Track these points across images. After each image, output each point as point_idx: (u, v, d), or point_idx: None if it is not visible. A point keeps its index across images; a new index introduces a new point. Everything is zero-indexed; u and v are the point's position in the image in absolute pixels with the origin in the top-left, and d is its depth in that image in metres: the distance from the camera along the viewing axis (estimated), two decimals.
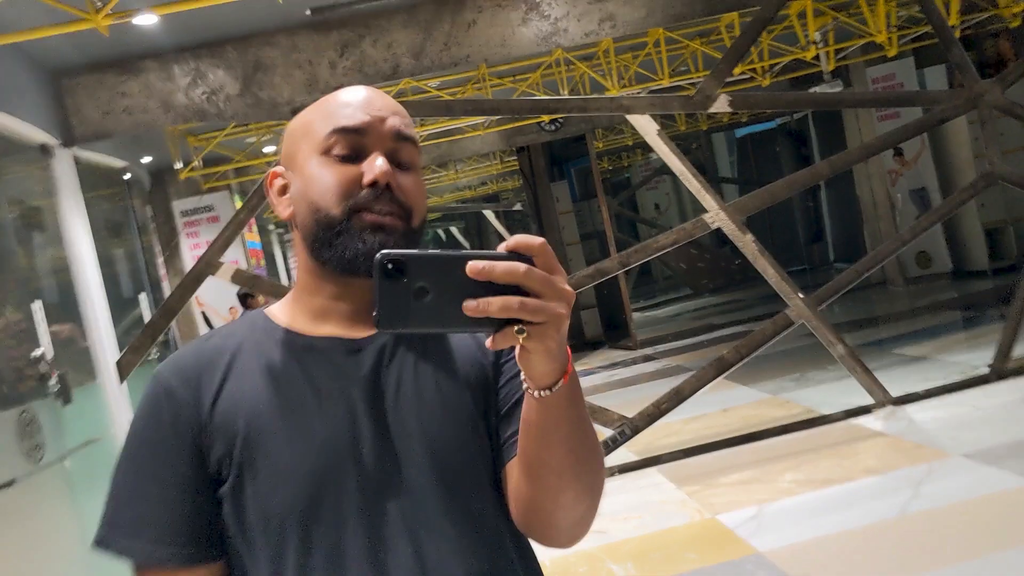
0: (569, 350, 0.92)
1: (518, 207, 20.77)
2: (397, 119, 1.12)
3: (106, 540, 1.06)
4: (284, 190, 1.15)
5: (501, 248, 0.85)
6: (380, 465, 1.06)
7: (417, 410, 1.09)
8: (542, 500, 1.02)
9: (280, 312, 1.16)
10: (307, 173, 1.10)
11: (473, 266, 0.83)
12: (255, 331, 1.14)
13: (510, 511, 1.10)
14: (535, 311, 0.83)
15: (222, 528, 1.07)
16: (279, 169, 1.17)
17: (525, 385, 0.94)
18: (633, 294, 13.18)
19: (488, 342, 0.86)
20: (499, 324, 0.84)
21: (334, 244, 1.07)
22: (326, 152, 1.09)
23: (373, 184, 1.07)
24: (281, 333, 1.13)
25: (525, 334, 0.84)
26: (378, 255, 0.83)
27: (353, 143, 1.09)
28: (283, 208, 1.15)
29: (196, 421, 1.07)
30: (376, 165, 1.07)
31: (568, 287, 0.86)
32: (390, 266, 0.83)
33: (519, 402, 1.08)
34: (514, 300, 0.83)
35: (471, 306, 0.82)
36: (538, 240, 0.86)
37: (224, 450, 1.06)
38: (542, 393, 0.92)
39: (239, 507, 1.05)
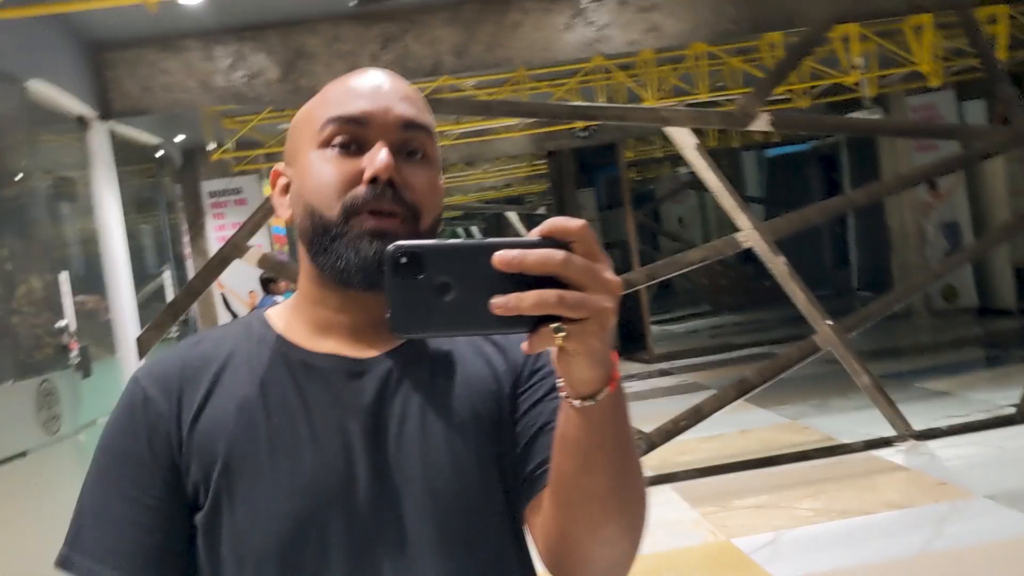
0: (615, 355, 0.79)
1: (542, 211, 20.72)
2: (406, 105, 0.97)
3: (69, 561, 0.94)
4: (287, 189, 1.01)
5: (534, 234, 0.73)
6: (375, 512, 0.93)
7: (421, 451, 0.95)
8: (579, 534, 0.88)
9: (279, 319, 1.02)
10: (304, 169, 0.97)
11: (501, 256, 0.70)
12: (249, 339, 1.00)
13: (540, 553, 0.96)
14: (575, 306, 0.71)
15: (195, 556, 0.96)
16: (281, 166, 1.04)
17: (564, 394, 0.80)
18: (652, 307, 13.09)
19: (524, 346, 0.73)
20: (534, 323, 0.72)
21: (329, 251, 0.94)
22: (325, 144, 0.95)
23: (373, 180, 0.93)
24: (278, 345, 0.99)
25: (564, 333, 0.72)
26: (390, 248, 0.72)
27: (354, 134, 0.95)
28: (284, 209, 1.01)
29: (174, 437, 0.94)
30: (377, 158, 0.93)
31: (614, 276, 0.73)
32: (404, 260, 0.71)
33: (541, 430, 0.97)
34: (551, 294, 0.70)
35: (500, 303, 0.70)
36: (577, 222, 0.72)
37: (201, 475, 0.93)
38: (584, 403, 0.79)
39: (213, 540, 0.94)
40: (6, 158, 4.78)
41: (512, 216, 21.87)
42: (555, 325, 0.71)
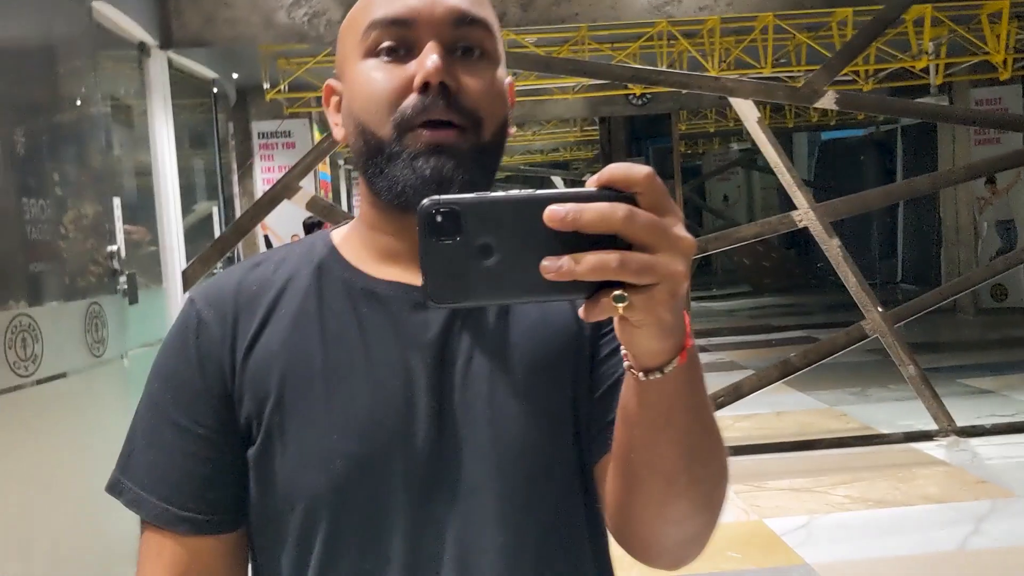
0: (687, 317, 0.68)
1: (587, 178, 20.57)
2: None
3: (118, 486, 0.90)
4: (340, 106, 0.92)
5: (591, 183, 0.62)
6: (435, 456, 0.85)
7: (489, 392, 0.86)
8: (644, 511, 0.79)
9: (344, 242, 0.94)
10: (351, 82, 0.88)
11: (553, 212, 0.59)
12: (312, 262, 0.92)
13: (606, 517, 0.88)
14: (640, 269, 0.60)
15: (246, 493, 0.90)
16: (333, 82, 0.93)
17: (627, 363, 0.70)
18: (691, 282, 13.00)
19: (580, 312, 0.63)
20: (592, 289, 0.62)
21: (385, 172, 0.85)
22: (370, 53, 0.85)
23: (424, 87, 0.82)
24: (340, 269, 0.91)
25: (626, 302, 0.61)
26: (423, 203, 0.61)
27: (401, 37, 0.84)
28: (338, 128, 0.92)
29: (227, 365, 0.88)
30: (427, 61, 0.82)
31: (687, 234, 0.63)
32: (439, 218, 0.61)
33: (621, 379, 0.82)
34: (611, 256, 0.60)
35: (551, 267, 0.60)
36: (642, 169, 0.61)
37: (253, 408, 0.87)
38: (650, 376, 0.68)
39: (264, 478, 0.87)
40: (68, 82, 4.77)
41: (557, 181, 21.76)
42: (617, 292, 0.61)
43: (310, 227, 7.87)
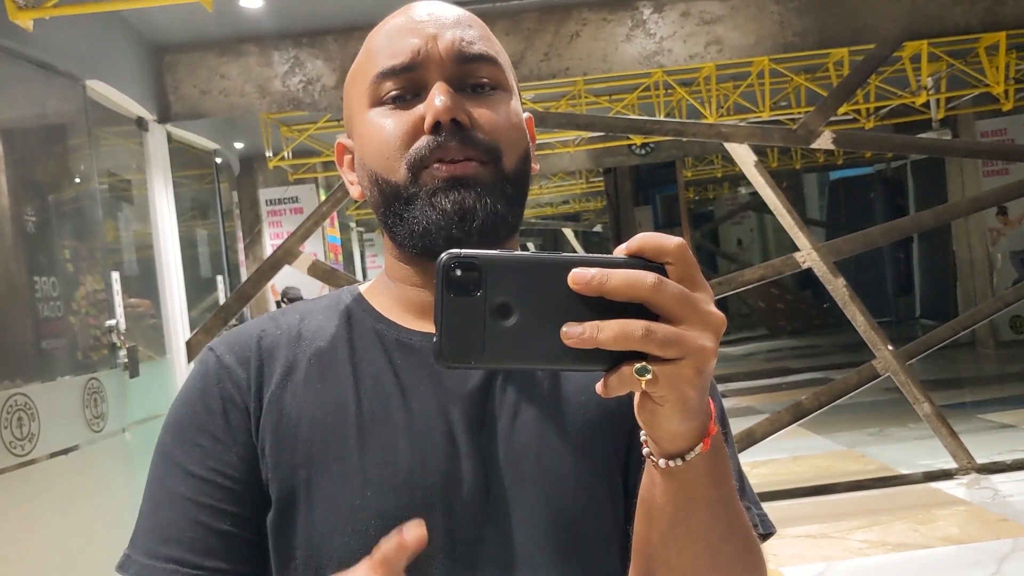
0: (713, 404, 0.65)
1: (598, 229, 20.62)
2: (458, 31, 0.82)
3: (125, 564, 0.81)
4: (354, 164, 0.89)
5: (620, 251, 0.61)
6: (479, 517, 0.79)
7: (538, 448, 0.80)
8: None
9: (373, 294, 0.90)
10: (362, 135, 0.85)
11: (579, 275, 0.58)
12: (340, 312, 0.88)
13: None
14: (666, 341, 0.57)
15: (268, 556, 0.82)
16: (344, 140, 0.91)
17: (646, 450, 0.67)
18: None
19: (598, 387, 0.60)
20: (614, 361, 0.59)
21: (405, 217, 0.81)
22: (378, 102, 0.83)
23: (435, 127, 0.79)
24: (371, 320, 0.87)
25: (650, 375, 0.59)
26: (442, 256, 0.59)
27: (407, 81, 0.82)
28: (354, 187, 0.89)
29: (253, 411, 0.82)
30: (435, 100, 0.79)
31: (716, 310, 0.60)
32: (459, 272, 0.59)
33: None
34: (636, 325, 0.57)
35: (572, 333, 0.58)
36: (674, 240, 0.60)
37: (275, 463, 0.81)
38: (670, 463, 0.65)
39: (285, 543, 0.80)
40: (67, 159, 4.84)
41: (568, 233, 21.82)
42: (639, 365, 0.59)
43: (293, 300, 7.87)
